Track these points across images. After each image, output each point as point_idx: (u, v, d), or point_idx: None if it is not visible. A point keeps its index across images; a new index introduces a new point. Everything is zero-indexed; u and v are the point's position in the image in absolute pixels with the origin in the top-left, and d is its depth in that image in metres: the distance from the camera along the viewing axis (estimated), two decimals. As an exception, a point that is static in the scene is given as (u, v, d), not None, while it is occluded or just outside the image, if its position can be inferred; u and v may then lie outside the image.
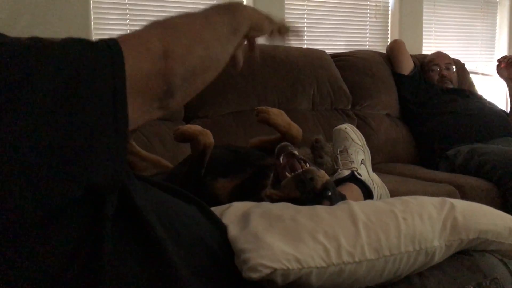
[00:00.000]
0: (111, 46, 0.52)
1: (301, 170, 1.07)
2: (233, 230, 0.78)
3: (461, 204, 0.82)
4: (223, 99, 2.21)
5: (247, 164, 1.47)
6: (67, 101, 0.47)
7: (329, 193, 1.08)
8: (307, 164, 1.11)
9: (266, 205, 0.92)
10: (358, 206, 0.79)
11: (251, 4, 2.63)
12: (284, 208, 0.83)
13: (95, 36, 2.29)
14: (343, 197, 1.20)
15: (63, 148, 0.46)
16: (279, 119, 1.46)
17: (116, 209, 0.54)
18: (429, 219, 0.77)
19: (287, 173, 1.11)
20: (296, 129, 1.49)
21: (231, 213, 0.93)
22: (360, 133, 1.82)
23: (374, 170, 1.82)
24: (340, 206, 0.81)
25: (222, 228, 0.78)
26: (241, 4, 0.76)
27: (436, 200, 0.83)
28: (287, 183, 1.09)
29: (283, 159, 1.12)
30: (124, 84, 0.51)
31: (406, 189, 1.89)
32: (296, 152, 1.13)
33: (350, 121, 2.50)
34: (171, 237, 0.61)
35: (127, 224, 0.56)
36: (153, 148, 1.91)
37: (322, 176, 1.08)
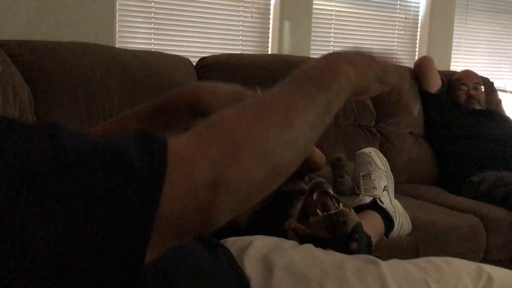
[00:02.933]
0: (152, 179, 0.40)
1: (334, 212, 1.04)
2: (255, 286, 0.74)
3: (499, 275, 0.77)
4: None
5: None
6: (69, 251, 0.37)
7: (357, 236, 1.05)
8: (340, 204, 1.07)
9: (289, 253, 0.88)
10: (389, 271, 0.74)
11: (278, 15, 2.58)
12: (310, 264, 0.79)
13: (119, 38, 2.26)
14: (368, 239, 1.16)
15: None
16: None
17: None
18: (464, 292, 0.72)
19: (318, 211, 1.08)
20: (319, 156, 1.44)
21: (252, 256, 0.89)
22: (384, 158, 1.76)
23: (395, 190, 1.77)
24: (370, 270, 0.76)
25: (244, 283, 0.75)
26: (344, 59, 0.58)
27: (472, 268, 0.78)
28: (318, 222, 1.06)
29: (316, 195, 1.08)
30: (147, 240, 0.39)
31: (428, 218, 1.83)
32: (331, 191, 1.09)
33: (373, 138, 2.45)
34: None
35: None
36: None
37: (354, 218, 1.05)
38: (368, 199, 1.66)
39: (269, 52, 2.64)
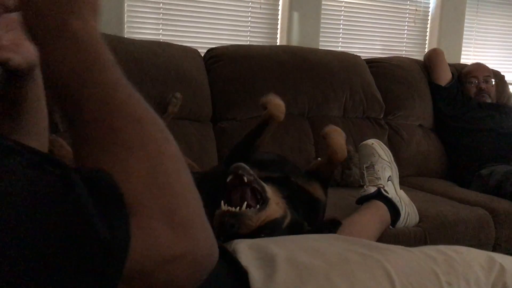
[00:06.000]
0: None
1: (228, 210, 1.02)
2: (256, 278, 0.72)
3: (511, 266, 0.76)
4: (252, 102, 2.16)
5: (278, 170, 1.43)
6: None
7: (263, 236, 1.02)
8: (264, 194, 1.06)
9: (285, 243, 0.86)
10: (396, 263, 0.73)
11: (287, 6, 2.56)
12: (312, 256, 0.78)
13: (127, 28, 2.26)
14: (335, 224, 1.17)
15: None
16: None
17: None
18: (476, 284, 0.71)
19: (222, 202, 1.06)
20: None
21: (242, 244, 0.86)
22: (387, 149, 1.75)
23: (403, 183, 1.75)
24: (376, 263, 0.75)
25: (242, 276, 0.73)
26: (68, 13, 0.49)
27: (483, 258, 0.76)
28: (217, 216, 1.04)
29: (230, 179, 1.07)
30: None
31: (436, 210, 1.81)
32: (249, 178, 1.06)
33: (382, 131, 2.43)
34: None
35: None
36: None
37: (255, 221, 1.03)
38: (372, 189, 1.65)
39: (278, 43, 2.63)
